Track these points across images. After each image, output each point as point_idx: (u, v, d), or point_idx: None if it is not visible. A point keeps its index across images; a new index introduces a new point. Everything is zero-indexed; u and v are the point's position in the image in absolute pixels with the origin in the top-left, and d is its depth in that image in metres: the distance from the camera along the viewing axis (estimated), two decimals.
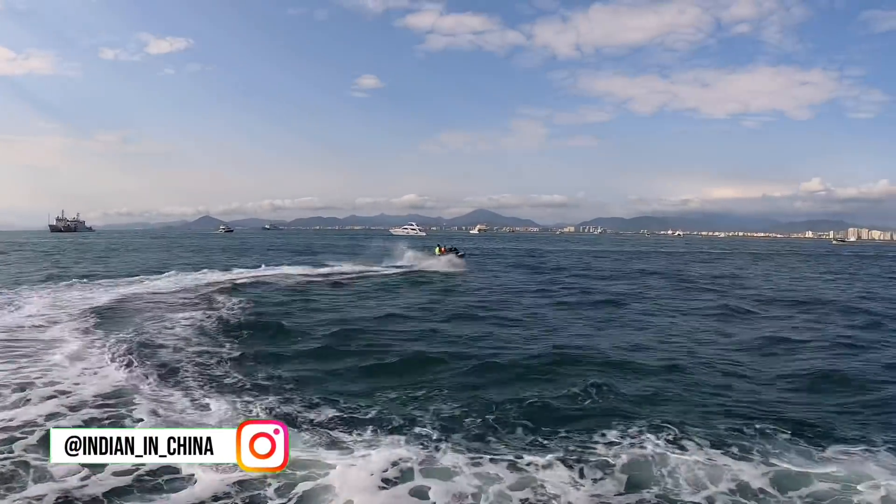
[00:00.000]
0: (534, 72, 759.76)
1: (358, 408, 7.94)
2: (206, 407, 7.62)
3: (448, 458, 6.21)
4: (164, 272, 26.27)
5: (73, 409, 7.19)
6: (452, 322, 15.37)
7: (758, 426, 7.32)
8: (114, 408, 7.31)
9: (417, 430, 7.12)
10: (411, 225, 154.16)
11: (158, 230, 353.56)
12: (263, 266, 31.84)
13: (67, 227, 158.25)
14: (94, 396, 7.68)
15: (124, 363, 9.62)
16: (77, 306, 15.59)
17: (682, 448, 6.62)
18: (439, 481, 5.68)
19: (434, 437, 6.87)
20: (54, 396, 7.62)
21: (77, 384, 8.23)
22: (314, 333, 13.18)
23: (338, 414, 7.64)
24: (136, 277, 24.20)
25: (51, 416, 6.90)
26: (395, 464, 5.98)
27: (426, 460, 6.12)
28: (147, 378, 8.84)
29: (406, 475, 5.79)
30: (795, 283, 31.63)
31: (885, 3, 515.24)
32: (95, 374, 8.91)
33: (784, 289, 27.19)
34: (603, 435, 7.01)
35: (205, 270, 27.95)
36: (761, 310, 19.22)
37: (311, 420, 7.38)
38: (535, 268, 38.66)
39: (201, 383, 8.80)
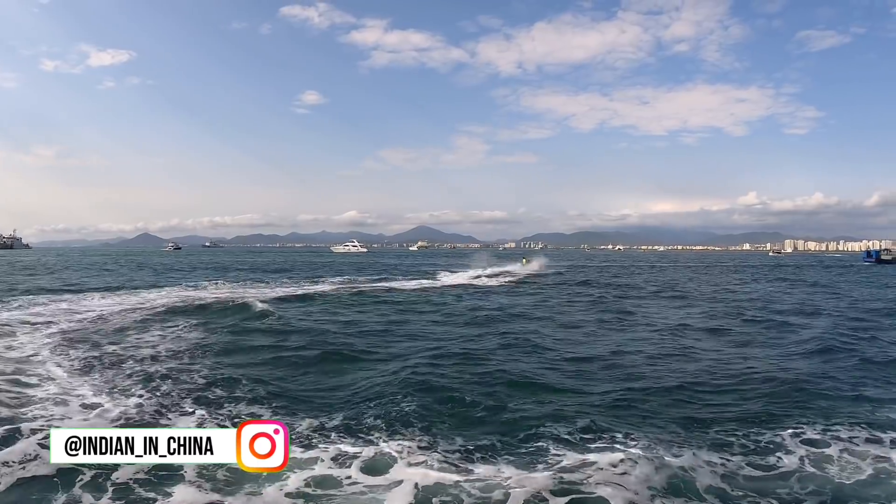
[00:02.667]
0: (476, 89, 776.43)
1: None
2: None
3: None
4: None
5: None
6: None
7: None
8: None
9: None
10: (352, 242, 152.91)
11: (97, 247, 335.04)
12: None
13: (4, 245, 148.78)
14: None
15: None
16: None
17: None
18: None
19: None
20: None
21: None
22: None
23: None
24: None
25: None
26: None
27: None
28: None
29: None
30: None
31: (821, 23, 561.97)
32: None
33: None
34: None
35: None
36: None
37: None
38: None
39: None
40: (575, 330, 16.44)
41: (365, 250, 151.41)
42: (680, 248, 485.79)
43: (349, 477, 5.84)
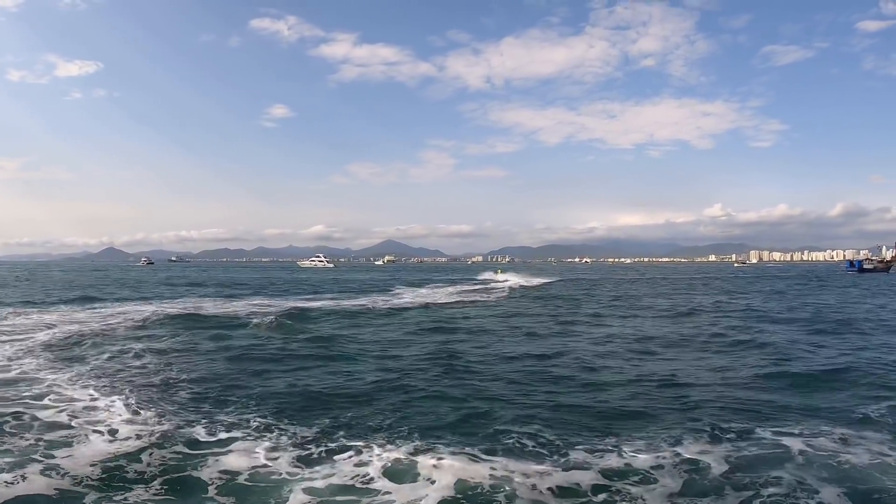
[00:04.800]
0: (444, 103, 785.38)
1: None
2: None
3: None
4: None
5: None
6: None
7: None
8: None
9: None
10: (319, 257, 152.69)
11: (61, 262, 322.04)
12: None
13: None
14: None
15: None
16: None
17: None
18: None
19: None
20: None
21: None
22: None
23: None
24: None
25: None
26: None
27: None
28: None
29: None
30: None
31: (785, 38, 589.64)
32: None
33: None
34: None
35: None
36: None
37: None
38: None
39: None
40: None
41: (332, 265, 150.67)
42: (646, 260, 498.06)
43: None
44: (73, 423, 7.98)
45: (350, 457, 6.81)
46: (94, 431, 7.63)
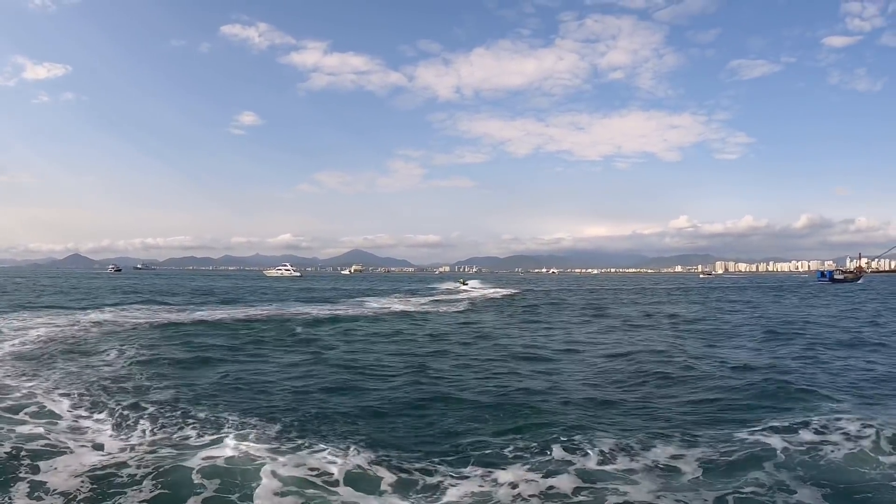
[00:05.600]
0: (413, 113, 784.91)
1: None
2: None
3: None
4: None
5: None
6: None
7: None
8: None
9: None
10: (285, 266, 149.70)
11: (26, 268, 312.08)
12: None
13: None
14: None
15: None
16: None
17: None
18: None
19: None
20: None
21: None
22: None
23: None
24: None
25: None
26: None
27: None
28: None
29: None
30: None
31: (752, 52, 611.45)
32: None
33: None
34: None
35: None
36: None
37: None
38: None
39: None
40: None
41: (298, 274, 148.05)
42: (613, 270, 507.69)
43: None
44: (52, 436, 7.75)
45: None
46: (76, 443, 7.51)
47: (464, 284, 79.71)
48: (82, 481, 6.21)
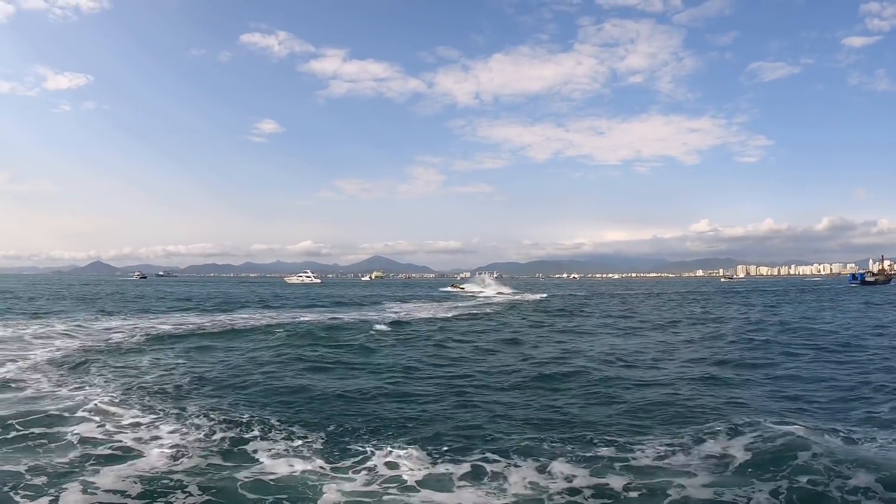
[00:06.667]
0: (433, 119, 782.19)
1: None
2: None
3: None
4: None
5: None
6: None
7: None
8: None
9: None
10: (306, 273, 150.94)
11: (49, 275, 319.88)
12: None
13: None
14: None
15: None
16: None
17: None
18: None
19: None
20: None
21: None
22: None
23: None
24: None
25: None
26: None
27: None
28: None
29: None
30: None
31: (771, 54, 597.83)
32: None
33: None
34: None
35: None
36: None
37: None
38: None
39: None
40: None
41: (319, 281, 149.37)
42: (634, 275, 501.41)
43: None
44: (105, 438, 8.01)
45: None
46: (129, 446, 7.71)
47: (458, 287, 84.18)
48: (133, 484, 6.41)
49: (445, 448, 7.90)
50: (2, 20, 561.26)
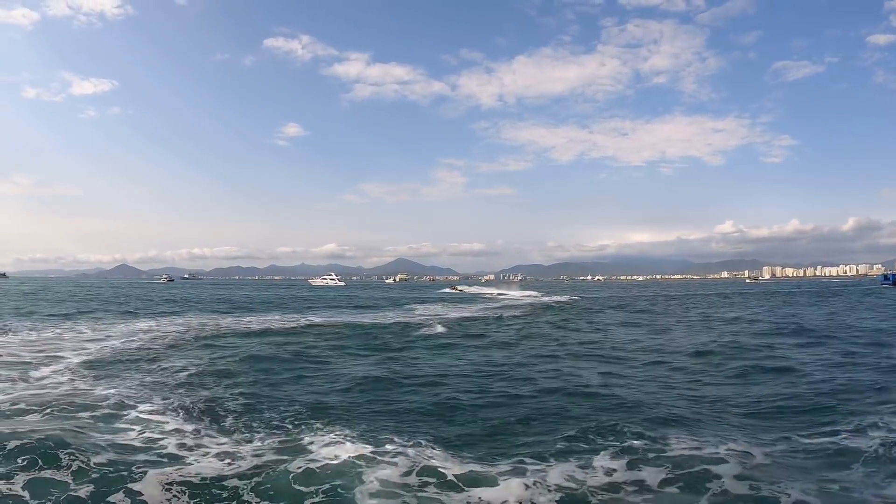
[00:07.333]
0: (457, 122, 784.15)
1: None
2: None
3: None
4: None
5: None
6: None
7: None
8: None
9: None
10: (331, 275, 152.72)
11: (75, 278, 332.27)
12: None
13: None
14: None
15: None
16: None
17: None
18: None
19: None
20: None
21: None
22: None
23: None
24: None
25: None
26: None
27: None
28: None
29: None
30: None
31: (795, 54, 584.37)
32: None
33: None
34: None
35: None
36: None
37: None
38: None
39: None
40: None
41: (343, 283, 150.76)
42: (659, 277, 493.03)
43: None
44: (142, 444, 7.85)
45: None
46: (173, 453, 7.52)
47: (455, 289, 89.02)
48: (178, 487, 6.28)
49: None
50: (27, 27, 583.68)
